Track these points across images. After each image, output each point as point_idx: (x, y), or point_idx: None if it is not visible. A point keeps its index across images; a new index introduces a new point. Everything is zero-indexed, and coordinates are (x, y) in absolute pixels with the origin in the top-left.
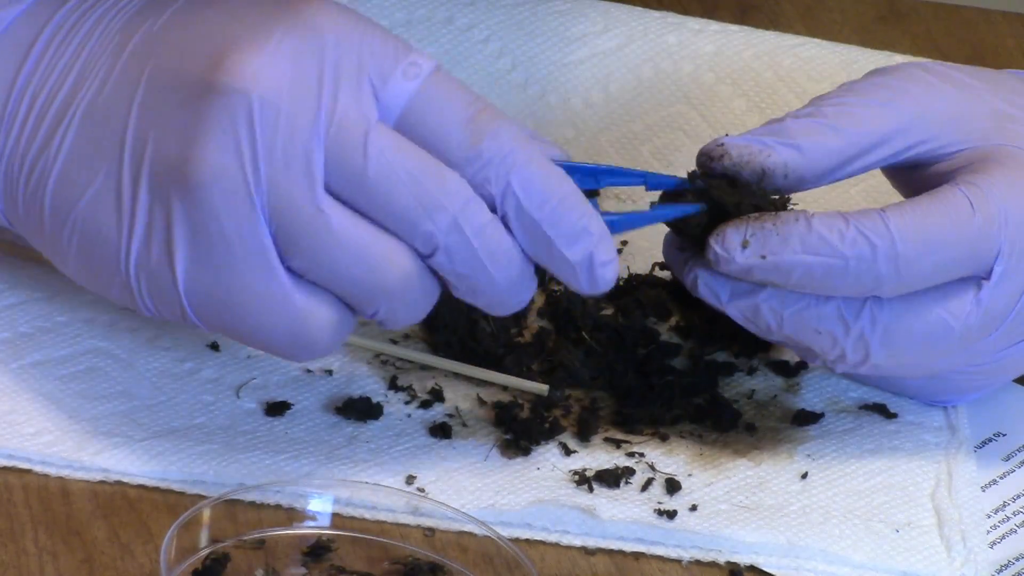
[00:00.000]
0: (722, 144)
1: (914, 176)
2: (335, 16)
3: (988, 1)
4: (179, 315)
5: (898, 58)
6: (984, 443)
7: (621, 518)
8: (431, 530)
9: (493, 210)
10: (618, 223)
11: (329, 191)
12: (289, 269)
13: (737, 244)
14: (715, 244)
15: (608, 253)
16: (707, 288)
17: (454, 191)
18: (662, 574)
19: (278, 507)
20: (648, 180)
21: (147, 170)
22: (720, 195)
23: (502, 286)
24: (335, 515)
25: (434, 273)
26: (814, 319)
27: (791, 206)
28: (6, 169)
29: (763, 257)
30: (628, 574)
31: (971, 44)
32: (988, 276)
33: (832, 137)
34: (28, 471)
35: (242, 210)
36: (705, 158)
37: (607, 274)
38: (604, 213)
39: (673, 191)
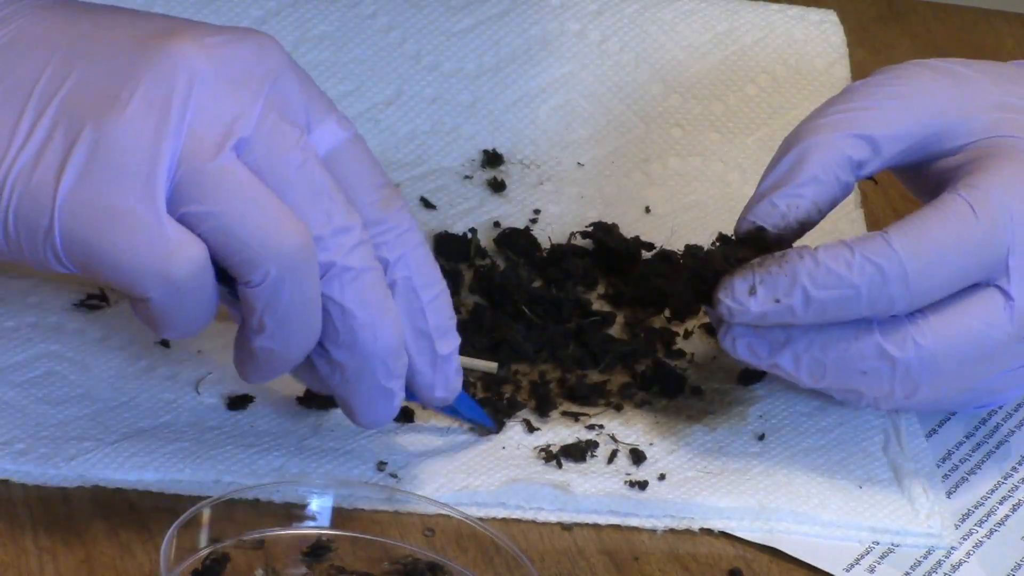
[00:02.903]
0: (753, 223)
1: (921, 173)
2: (283, 55)
3: (988, 1)
4: (42, 236)
5: (813, 16)
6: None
7: (595, 492)
8: (431, 530)
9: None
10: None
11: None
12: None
13: (745, 292)
14: (725, 298)
15: (459, 363)
16: (747, 349)
17: (360, 226)
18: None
19: (278, 507)
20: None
21: (59, 101)
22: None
23: (382, 346)
24: (335, 515)
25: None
26: (857, 360)
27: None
28: None
29: (777, 301)
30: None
31: (971, 44)
32: (1003, 278)
33: (840, 150)
34: None
35: (151, 142)
36: (752, 234)
37: (457, 382)
38: None
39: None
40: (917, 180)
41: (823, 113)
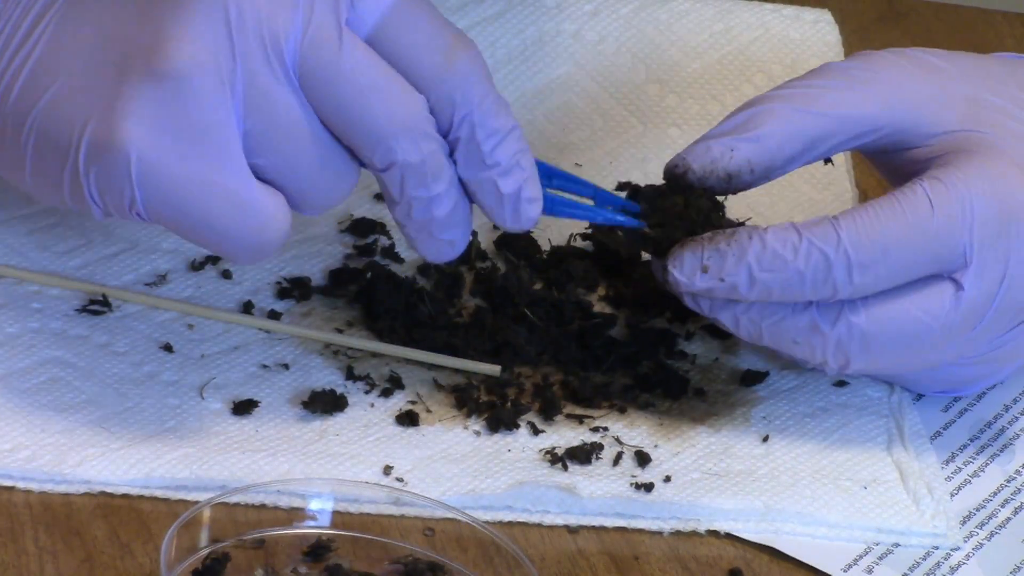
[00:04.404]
0: (684, 159)
1: (892, 161)
2: None
3: (988, 1)
4: (127, 206)
5: (809, 15)
6: (921, 395)
7: (601, 495)
8: (431, 530)
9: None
10: (557, 203)
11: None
12: (252, 166)
13: (696, 269)
14: (674, 270)
15: (535, 191)
16: (692, 300)
17: (418, 113)
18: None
19: (278, 507)
20: (597, 195)
21: (115, 63)
22: (669, 215)
23: (438, 214)
24: (335, 515)
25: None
26: (791, 330)
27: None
28: None
29: (721, 280)
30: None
31: (971, 44)
32: (961, 271)
33: (792, 122)
34: None
35: (214, 102)
36: (670, 174)
37: (531, 211)
38: (547, 192)
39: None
40: (889, 169)
41: (788, 85)
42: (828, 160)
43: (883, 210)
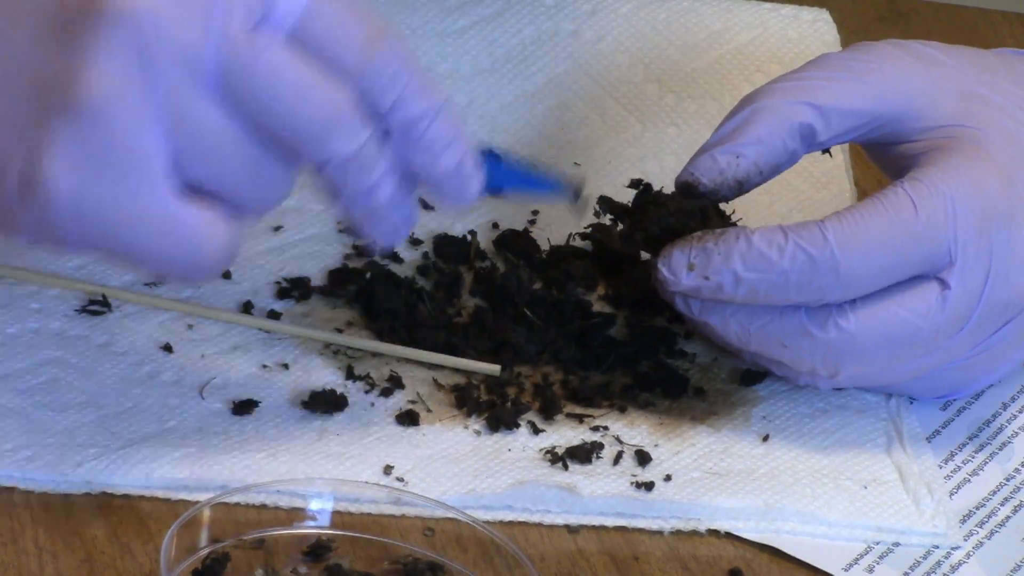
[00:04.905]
0: (693, 174)
1: (886, 153)
2: None
3: (988, 1)
4: (59, 239)
5: (807, 15)
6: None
7: (601, 494)
8: (431, 530)
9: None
10: (500, 175)
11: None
12: (187, 182)
13: (683, 267)
14: (662, 267)
15: (473, 165)
16: (682, 302)
17: (344, 107)
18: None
19: (278, 507)
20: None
21: (33, 95)
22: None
23: (381, 200)
24: (335, 515)
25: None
26: (779, 333)
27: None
28: None
29: (706, 278)
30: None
31: (971, 44)
32: (946, 270)
33: (791, 117)
34: None
35: (131, 127)
36: (683, 188)
37: (474, 184)
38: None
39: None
40: (884, 160)
41: (785, 78)
42: (826, 151)
43: (867, 212)
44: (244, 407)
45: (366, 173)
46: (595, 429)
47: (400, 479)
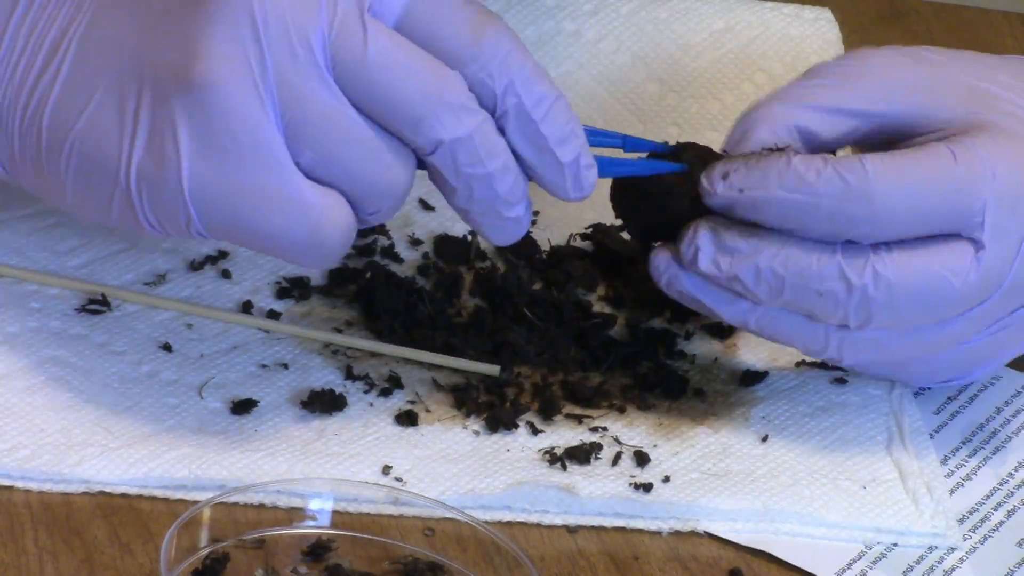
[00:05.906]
0: (727, 175)
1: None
2: None
3: (988, 1)
4: (183, 225)
5: (808, 13)
6: (921, 391)
7: (600, 495)
8: (431, 530)
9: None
10: (606, 164)
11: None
12: (298, 166)
13: (718, 177)
14: (703, 178)
15: (590, 157)
16: (710, 261)
17: (456, 87)
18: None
19: (278, 507)
20: (626, 142)
21: (149, 81)
22: (702, 160)
23: (500, 190)
24: (335, 515)
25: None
26: (816, 280)
27: None
28: (0, 102)
29: (741, 191)
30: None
31: (971, 44)
32: (979, 232)
33: (788, 120)
34: None
35: (251, 108)
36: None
37: (591, 176)
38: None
39: (654, 153)
40: None
41: (782, 88)
42: (832, 153)
43: (908, 155)
44: (243, 407)
45: (482, 158)
46: (594, 430)
47: (399, 479)
